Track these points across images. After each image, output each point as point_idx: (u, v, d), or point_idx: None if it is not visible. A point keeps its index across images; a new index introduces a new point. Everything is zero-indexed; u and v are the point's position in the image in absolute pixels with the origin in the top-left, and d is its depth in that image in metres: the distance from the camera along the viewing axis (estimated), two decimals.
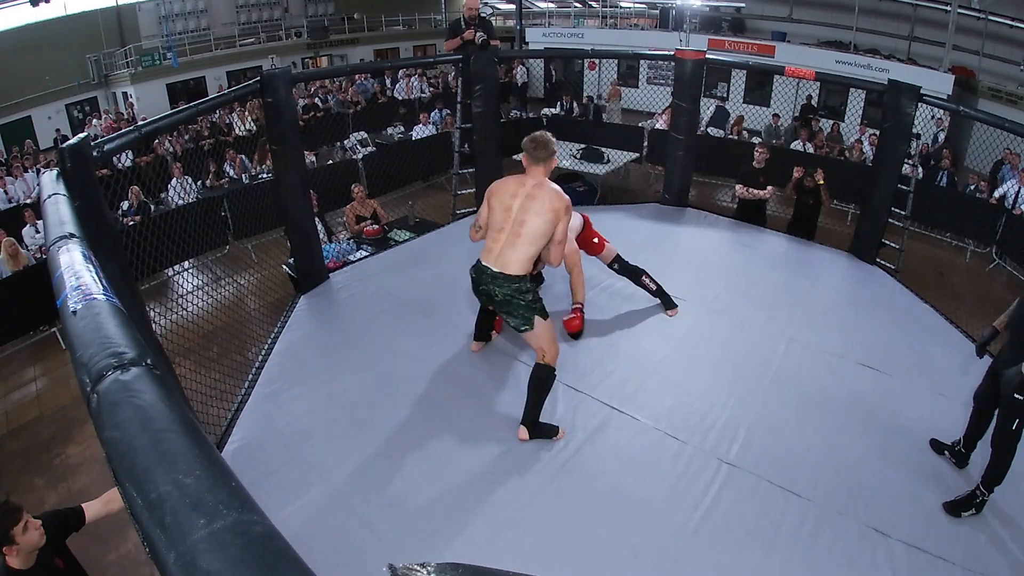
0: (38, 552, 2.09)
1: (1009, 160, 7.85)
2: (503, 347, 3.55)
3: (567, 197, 2.77)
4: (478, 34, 5.05)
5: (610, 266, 3.79)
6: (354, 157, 7.39)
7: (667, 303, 3.88)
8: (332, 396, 3.18)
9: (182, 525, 0.65)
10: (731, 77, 13.90)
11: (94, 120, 13.12)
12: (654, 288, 3.85)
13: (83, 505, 2.31)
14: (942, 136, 9.88)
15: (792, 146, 9.05)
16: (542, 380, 2.81)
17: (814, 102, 11.77)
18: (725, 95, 13.58)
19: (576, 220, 3.57)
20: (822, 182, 5.35)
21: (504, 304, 2.75)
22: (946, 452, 2.85)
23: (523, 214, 2.70)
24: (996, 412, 2.61)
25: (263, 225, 6.63)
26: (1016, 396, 2.42)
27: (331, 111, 12.27)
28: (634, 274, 3.82)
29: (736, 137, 9.72)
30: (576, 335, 3.61)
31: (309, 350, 3.60)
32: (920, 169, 6.71)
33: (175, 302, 3.70)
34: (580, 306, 3.63)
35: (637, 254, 4.57)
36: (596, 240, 3.70)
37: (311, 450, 2.82)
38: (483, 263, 2.77)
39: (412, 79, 13.91)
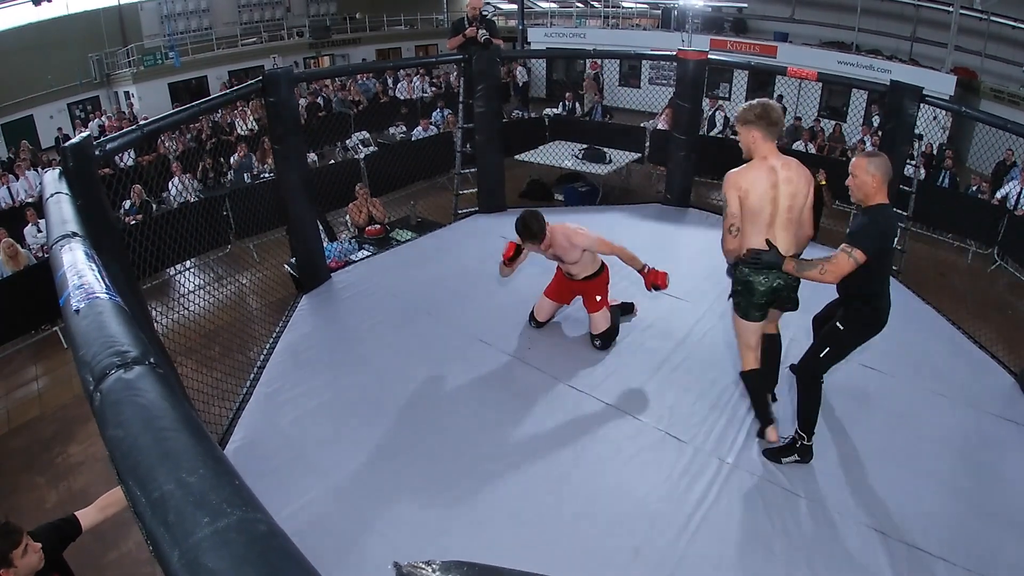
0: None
1: (1012, 160, 7.83)
2: (504, 347, 3.55)
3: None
4: (480, 32, 5.05)
5: None
6: (356, 157, 7.38)
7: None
8: (334, 395, 3.18)
9: (186, 524, 0.65)
10: (733, 77, 13.88)
11: (93, 120, 13.11)
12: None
13: (77, 513, 2.24)
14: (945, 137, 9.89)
15: (794, 147, 9.04)
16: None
17: (785, 101, 11.72)
18: (727, 96, 13.57)
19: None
20: (824, 183, 5.34)
21: (794, 289, 2.60)
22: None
23: (789, 199, 2.49)
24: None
25: (265, 224, 6.64)
26: (837, 325, 2.51)
27: (332, 111, 12.28)
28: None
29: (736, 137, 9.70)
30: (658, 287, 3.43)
31: (311, 350, 3.61)
32: (922, 170, 6.72)
33: (177, 301, 3.70)
34: (644, 267, 3.40)
35: (639, 254, 4.57)
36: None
37: (313, 449, 2.82)
38: None
39: (414, 79, 13.92)
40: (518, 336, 3.64)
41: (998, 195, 7.46)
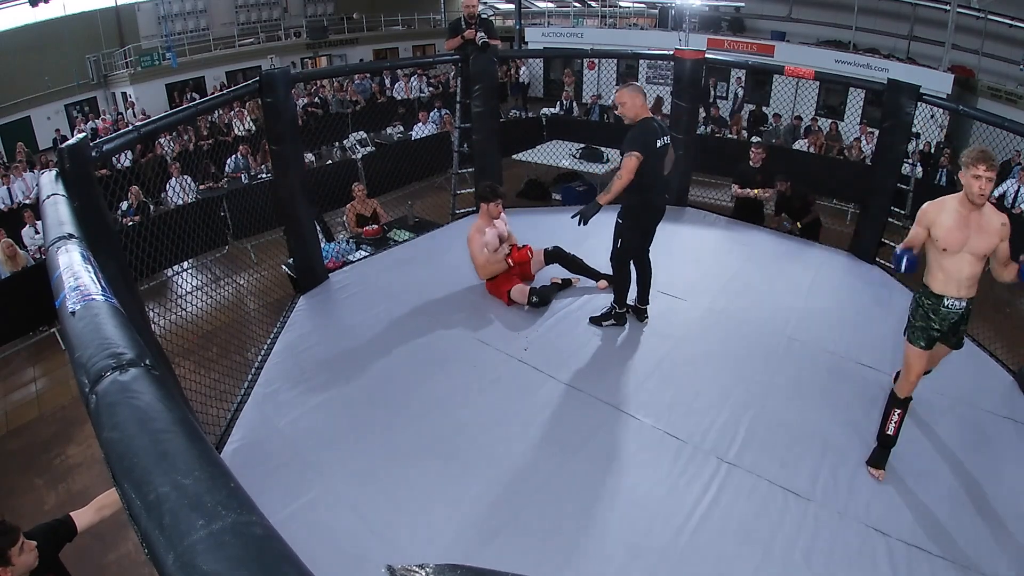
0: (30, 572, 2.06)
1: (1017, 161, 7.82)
2: (502, 346, 3.55)
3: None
4: (479, 34, 5.04)
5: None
6: (353, 157, 7.38)
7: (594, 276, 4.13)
8: (331, 396, 3.18)
9: (181, 526, 0.65)
10: (730, 77, 13.89)
11: (87, 122, 13.07)
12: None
13: (72, 514, 2.24)
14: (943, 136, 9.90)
15: (794, 145, 9.06)
16: None
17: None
18: (724, 95, 13.59)
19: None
20: (767, 195, 5.42)
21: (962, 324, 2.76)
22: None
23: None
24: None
25: (262, 225, 6.63)
26: (618, 220, 3.41)
27: (330, 111, 12.27)
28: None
29: (735, 136, 9.74)
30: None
31: (308, 350, 3.60)
32: (919, 168, 6.72)
33: (174, 302, 3.69)
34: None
35: None
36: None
37: (310, 450, 2.82)
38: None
39: (411, 79, 13.92)
40: (516, 336, 3.64)
41: (995, 193, 7.46)
